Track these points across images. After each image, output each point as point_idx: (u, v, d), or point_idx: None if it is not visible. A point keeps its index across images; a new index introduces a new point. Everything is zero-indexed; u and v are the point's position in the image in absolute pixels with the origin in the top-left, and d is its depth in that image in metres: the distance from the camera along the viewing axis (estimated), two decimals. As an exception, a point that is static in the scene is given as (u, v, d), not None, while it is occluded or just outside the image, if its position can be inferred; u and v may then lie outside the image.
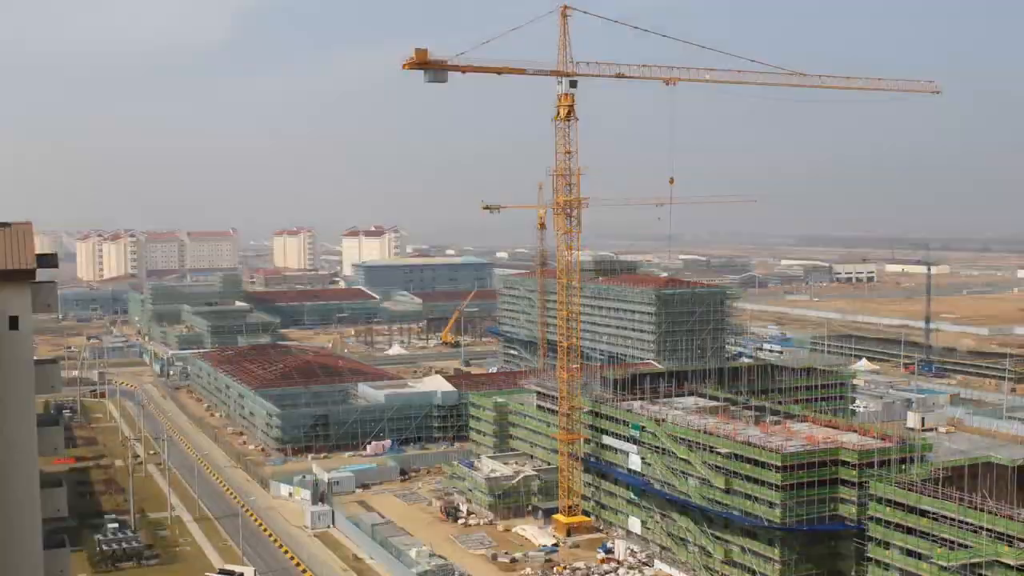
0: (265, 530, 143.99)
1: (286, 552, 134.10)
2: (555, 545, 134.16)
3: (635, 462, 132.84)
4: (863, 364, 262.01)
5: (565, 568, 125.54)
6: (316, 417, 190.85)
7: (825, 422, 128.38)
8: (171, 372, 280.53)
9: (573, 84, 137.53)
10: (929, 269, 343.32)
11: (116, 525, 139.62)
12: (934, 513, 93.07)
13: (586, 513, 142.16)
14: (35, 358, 53.26)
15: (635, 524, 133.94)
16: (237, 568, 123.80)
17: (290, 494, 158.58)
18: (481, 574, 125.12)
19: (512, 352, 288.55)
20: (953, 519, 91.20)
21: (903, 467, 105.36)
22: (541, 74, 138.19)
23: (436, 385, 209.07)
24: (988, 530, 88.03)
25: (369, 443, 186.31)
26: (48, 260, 54.32)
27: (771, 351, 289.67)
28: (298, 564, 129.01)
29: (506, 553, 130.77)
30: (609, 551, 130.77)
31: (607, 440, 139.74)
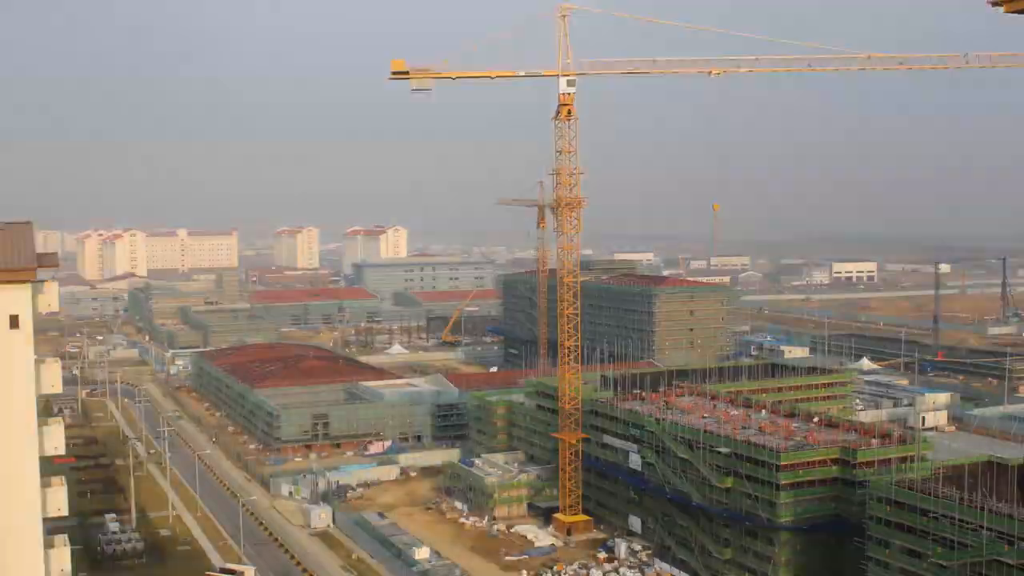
0: (265, 530, 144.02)
1: (286, 552, 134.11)
2: (554, 545, 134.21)
3: (635, 461, 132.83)
4: (864, 363, 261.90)
5: (565, 568, 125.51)
6: (316, 416, 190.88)
7: (825, 421, 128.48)
8: (172, 371, 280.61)
9: (571, 84, 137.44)
10: (937, 268, 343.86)
11: (117, 525, 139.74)
12: (934, 512, 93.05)
13: (586, 512, 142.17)
14: (35, 357, 53.34)
15: (635, 523, 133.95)
16: (237, 568, 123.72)
17: (290, 493, 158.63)
18: (482, 574, 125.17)
19: (512, 352, 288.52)
20: (953, 518, 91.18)
21: (903, 466, 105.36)
22: (535, 76, 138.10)
23: (436, 385, 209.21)
24: (988, 529, 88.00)
25: (369, 442, 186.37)
26: (48, 260, 54.42)
27: (771, 350, 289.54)
28: (298, 564, 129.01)
29: (506, 553, 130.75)
30: (609, 550, 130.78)
31: (607, 439, 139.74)
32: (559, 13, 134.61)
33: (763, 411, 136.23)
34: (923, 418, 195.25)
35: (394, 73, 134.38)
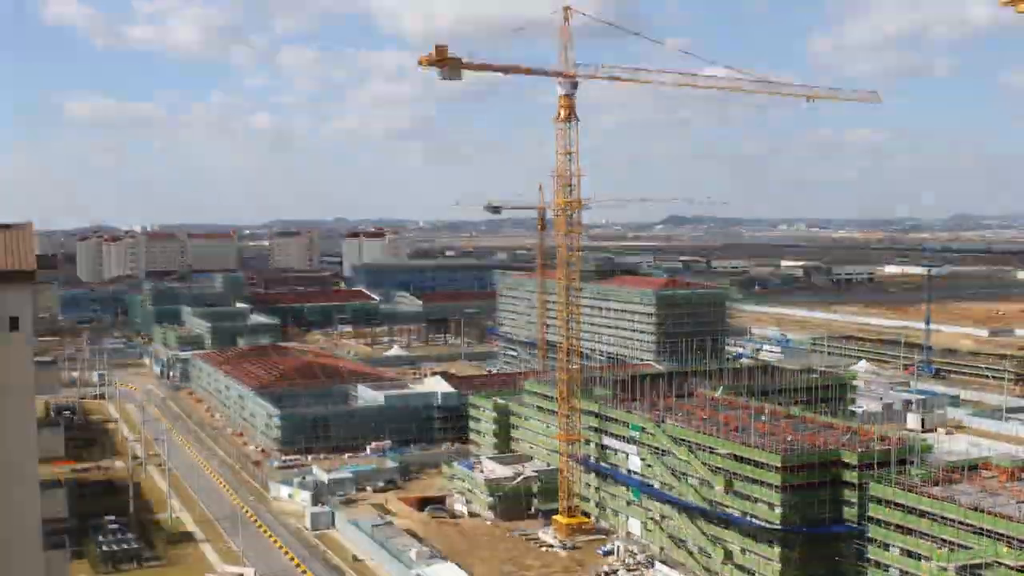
0: (265, 531, 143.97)
1: (286, 553, 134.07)
2: (554, 547, 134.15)
3: (635, 463, 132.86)
4: (863, 366, 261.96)
5: (565, 569, 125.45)
6: (316, 418, 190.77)
7: (825, 423, 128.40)
8: (171, 373, 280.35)
9: (574, 86, 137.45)
10: (929, 271, 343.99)
11: (116, 526, 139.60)
12: (933, 514, 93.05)
13: (586, 514, 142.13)
14: (35, 359, 53.30)
15: (635, 525, 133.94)
16: (237, 568, 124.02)
17: (290, 495, 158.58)
18: (482, 574, 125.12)
19: (512, 353, 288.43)
20: (953, 520, 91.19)
21: (903, 468, 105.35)
22: (542, 74, 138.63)
23: (436, 386, 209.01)
24: (988, 531, 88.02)
25: (369, 444, 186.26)
26: (45, 262, 54.41)
27: (771, 352, 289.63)
28: (298, 565, 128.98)
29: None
30: (609, 552, 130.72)
31: (607, 441, 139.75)
32: (561, 15, 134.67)
33: (762, 413, 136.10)
34: (922, 420, 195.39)
35: (427, 58, 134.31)
